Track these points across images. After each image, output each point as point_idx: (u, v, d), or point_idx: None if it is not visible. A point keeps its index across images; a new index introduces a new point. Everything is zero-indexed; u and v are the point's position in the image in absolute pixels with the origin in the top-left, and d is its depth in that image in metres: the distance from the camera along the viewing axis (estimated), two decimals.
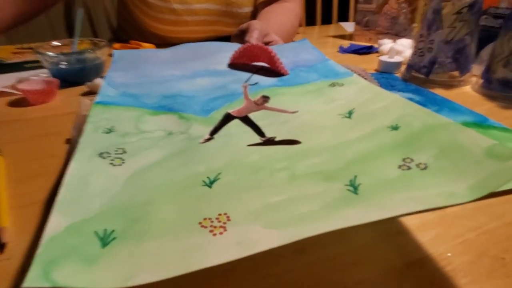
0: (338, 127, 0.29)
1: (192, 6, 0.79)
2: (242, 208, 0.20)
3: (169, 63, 0.46)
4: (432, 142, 0.23)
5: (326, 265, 0.23)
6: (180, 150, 0.27)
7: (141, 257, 0.16)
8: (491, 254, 0.23)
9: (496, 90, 0.49)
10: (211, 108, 0.34)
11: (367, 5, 0.83)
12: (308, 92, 0.37)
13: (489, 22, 0.56)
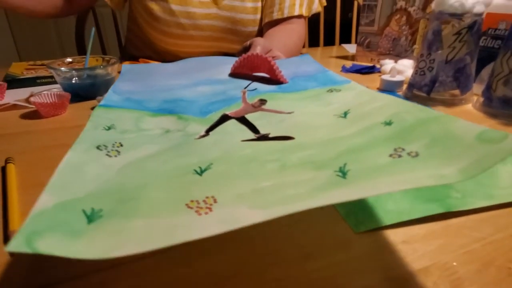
0: (332, 125, 0.29)
1: (198, 21, 0.81)
2: (230, 192, 0.20)
3: (174, 74, 0.47)
4: (424, 133, 0.23)
5: (330, 271, 0.23)
6: (175, 144, 0.28)
7: (126, 233, 0.17)
8: (497, 264, 0.23)
9: (497, 108, 0.50)
10: (209, 110, 0.35)
11: (369, 27, 0.86)
12: (306, 97, 0.38)
13: (489, 42, 0.57)
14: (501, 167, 0.35)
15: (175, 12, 0.79)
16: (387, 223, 0.27)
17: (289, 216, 0.28)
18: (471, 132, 0.21)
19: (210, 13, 0.82)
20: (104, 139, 0.27)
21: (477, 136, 0.20)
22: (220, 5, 0.81)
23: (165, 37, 0.84)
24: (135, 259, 0.24)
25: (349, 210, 0.29)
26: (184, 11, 0.79)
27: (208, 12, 0.81)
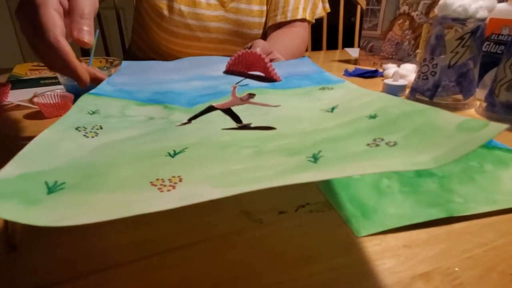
0: (317, 118, 0.29)
1: (206, 23, 0.82)
2: (197, 173, 0.20)
3: (170, 70, 0.48)
4: (406, 125, 0.23)
5: (331, 275, 0.23)
6: (155, 130, 0.28)
7: (83, 205, 0.17)
8: (499, 270, 0.23)
9: (500, 113, 0.50)
10: (197, 102, 0.35)
11: (372, 32, 0.86)
12: (296, 94, 0.38)
13: (492, 48, 0.57)
14: (503, 172, 0.35)
15: (184, 13, 0.79)
16: (388, 228, 0.27)
17: (290, 220, 0.28)
18: (452, 122, 0.20)
19: (217, 15, 0.82)
20: (85, 121, 0.27)
21: (458, 126, 0.20)
22: (227, 8, 0.82)
23: (172, 37, 0.84)
24: (135, 260, 0.24)
25: (351, 215, 0.29)
26: (193, 12, 0.80)
27: (216, 14, 0.82)
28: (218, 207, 0.30)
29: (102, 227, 0.27)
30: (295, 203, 0.31)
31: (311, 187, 0.33)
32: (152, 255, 0.24)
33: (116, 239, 0.26)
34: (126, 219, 0.28)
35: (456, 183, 0.33)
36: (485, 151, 0.40)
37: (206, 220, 0.28)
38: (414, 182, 0.33)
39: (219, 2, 0.82)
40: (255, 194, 0.32)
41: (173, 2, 0.79)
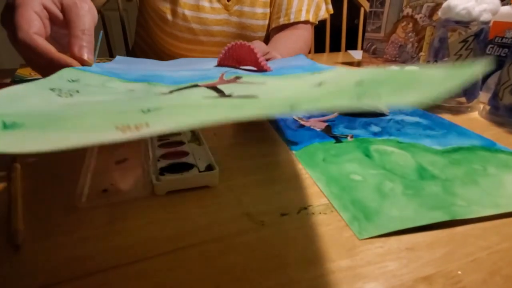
0: (301, 88, 0.29)
1: (209, 27, 0.82)
2: (165, 121, 0.19)
3: (162, 65, 0.47)
4: (392, 82, 0.22)
5: (333, 278, 0.23)
6: (133, 96, 0.27)
7: (38, 139, 0.16)
8: (503, 274, 0.23)
9: (504, 116, 0.49)
10: (182, 82, 0.34)
11: (375, 34, 0.86)
12: (286, 77, 0.37)
13: (495, 51, 0.57)
14: (507, 176, 0.35)
15: (188, 17, 0.80)
16: (391, 230, 0.27)
17: (292, 222, 0.28)
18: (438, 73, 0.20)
19: (221, 19, 0.82)
20: (62, 86, 0.26)
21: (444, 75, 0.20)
22: (230, 11, 0.82)
23: (175, 41, 0.85)
24: (137, 260, 0.24)
25: (353, 217, 0.28)
26: (196, 16, 0.80)
27: (219, 18, 0.82)
28: (219, 208, 0.30)
29: (104, 228, 0.27)
30: (297, 205, 0.31)
31: (313, 189, 0.33)
32: (153, 256, 0.24)
33: (117, 240, 0.26)
34: (128, 221, 0.28)
35: (459, 186, 0.33)
36: (488, 154, 0.40)
37: (207, 221, 0.28)
38: (417, 185, 0.33)
39: (223, 5, 0.82)
40: (257, 196, 0.32)
41: (176, 6, 0.79)
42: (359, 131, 0.47)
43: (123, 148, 0.41)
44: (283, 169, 0.37)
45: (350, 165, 0.37)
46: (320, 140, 0.44)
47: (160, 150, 0.37)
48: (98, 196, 0.31)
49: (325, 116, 0.53)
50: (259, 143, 0.43)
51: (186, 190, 0.32)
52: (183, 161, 0.35)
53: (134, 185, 0.33)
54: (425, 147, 0.42)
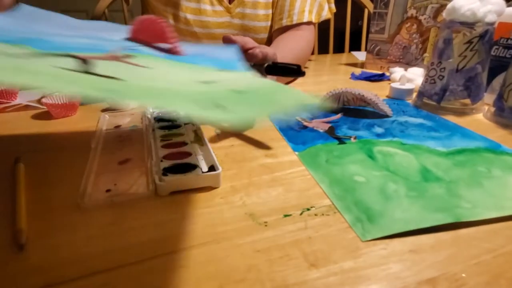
0: (180, 82, 0.26)
1: (211, 30, 0.82)
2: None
3: (69, 27, 0.40)
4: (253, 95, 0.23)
5: (336, 280, 0.23)
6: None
7: None
8: (508, 277, 0.23)
9: (509, 117, 0.49)
10: (68, 49, 0.29)
11: (379, 35, 0.86)
12: (185, 67, 0.34)
13: (500, 52, 0.57)
14: (511, 178, 0.34)
15: (190, 21, 0.80)
16: (394, 232, 0.26)
17: (295, 223, 0.28)
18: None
19: (223, 21, 0.83)
20: None
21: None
22: (233, 13, 0.82)
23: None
24: (140, 260, 0.24)
25: (356, 218, 0.28)
26: (198, 20, 0.81)
27: (221, 21, 0.82)
28: (222, 209, 0.30)
29: (107, 227, 0.27)
30: (300, 206, 0.30)
31: (316, 190, 0.33)
32: (156, 256, 0.24)
33: (120, 240, 0.26)
34: (131, 221, 0.28)
35: (464, 188, 0.33)
36: (493, 156, 0.39)
37: (210, 222, 0.28)
38: (421, 187, 0.33)
39: (225, 8, 0.82)
40: (260, 197, 0.32)
41: (178, 11, 0.79)
42: (363, 132, 0.46)
43: (126, 148, 0.41)
44: (286, 170, 0.37)
45: (353, 166, 0.37)
46: (323, 141, 0.44)
47: (163, 150, 0.37)
48: (101, 196, 0.31)
49: (329, 117, 0.52)
50: (262, 144, 0.43)
51: (189, 191, 0.32)
52: (186, 161, 0.35)
53: (137, 185, 0.33)
54: (429, 149, 0.41)
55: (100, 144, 0.42)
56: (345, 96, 0.56)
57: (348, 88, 0.54)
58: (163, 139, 0.41)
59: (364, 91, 0.53)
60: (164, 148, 0.38)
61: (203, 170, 0.34)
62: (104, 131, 0.46)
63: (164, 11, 0.80)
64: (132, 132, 0.46)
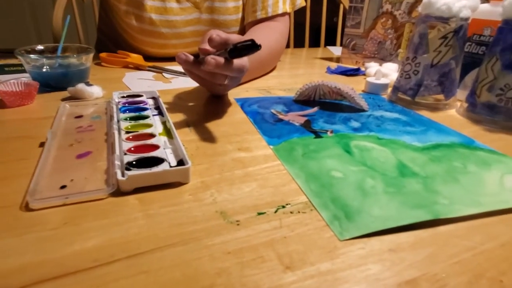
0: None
1: (180, 29, 0.78)
2: None
3: None
4: None
5: (313, 282, 0.21)
6: None
7: None
8: (488, 276, 0.22)
9: (481, 113, 0.50)
10: None
11: (355, 30, 0.85)
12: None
13: (473, 48, 0.57)
14: (486, 174, 0.34)
15: (156, 22, 0.75)
16: (373, 230, 0.25)
17: (269, 221, 0.26)
18: None
19: (192, 18, 0.79)
20: None
21: None
22: (201, 9, 0.78)
23: (147, 47, 0.81)
24: (98, 265, 0.21)
25: (333, 216, 0.27)
26: (165, 20, 0.76)
27: (190, 18, 0.78)
28: (191, 207, 0.28)
29: (59, 229, 0.24)
30: (275, 203, 0.29)
31: (291, 186, 0.31)
32: (115, 260, 0.22)
33: (74, 243, 0.23)
34: (89, 221, 0.25)
35: (441, 184, 0.32)
36: (467, 151, 0.39)
37: (177, 221, 0.26)
38: (399, 183, 0.32)
39: (193, 3, 0.78)
40: (232, 193, 0.30)
41: (142, 11, 0.73)
42: (339, 126, 0.45)
43: (86, 141, 0.37)
44: (260, 164, 0.35)
45: (330, 161, 0.35)
46: (299, 135, 0.42)
47: (128, 143, 0.34)
48: (54, 194, 0.28)
49: (305, 110, 0.51)
50: (235, 137, 0.41)
51: (155, 187, 0.30)
52: (153, 155, 0.32)
53: (96, 181, 0.30)
54: (405, 144, 0.41)
55: (58, 135, 0.38)
56: (322, 89, 0.55)
57: (324, 81, 0.53)
58: (128, 131, 0.38)
59: (340, 85, 0.52)
60: (129, 140, 0.35)
61: (171, 165, 0.32)
62: (63, 121, 0.42)
63: (125, 12, 0.74)
64: (95, 123, 0.42)
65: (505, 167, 0.36)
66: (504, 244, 0.25)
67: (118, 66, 0.75)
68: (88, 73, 0.59)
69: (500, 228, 0.26)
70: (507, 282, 0.21)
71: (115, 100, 0.48)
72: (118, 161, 0.31)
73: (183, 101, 0.54)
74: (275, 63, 0.82)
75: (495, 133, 0.46)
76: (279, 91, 0.62)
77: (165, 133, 0.40)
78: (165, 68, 0.72)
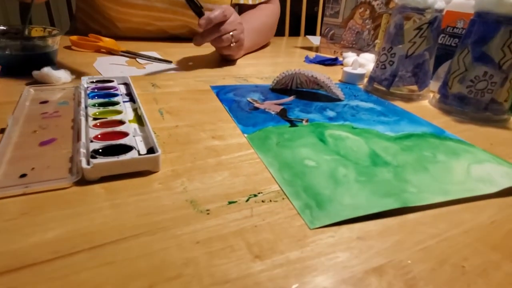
0: None
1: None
2: None
3: None
4: None
5: (282, 271, 0.21)
6: None
7: None
8: (451, 262, 0.22)
9: (452, 105, 0.51)
10: None
11: (333, 19, 0.85)
12: None
13: (446, 40, 0.58)
14: (455, 163, 0.35)
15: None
16: (343, 218, 0.25)
17: (240, 210, 0.26)
18: None
19: None
20: None
21: None
22: None
23: (124, 7, 0.79)
24: (58, 257, 0.20)
25: (305, 205, 0.27)
26: None
27: None
28: (160, 196, 0.27)
29: (17, 220, 0.23)
30: (247, 192, 0.28)
31: (265, 175, 0.31)
32: (77, 252, 0.21)
33: (33, 234, 0.22)
34: (50, 211, 0.24)
35: (411, 173, 0.33)
36: (437, 141, 0.40)
37: (145, 211, 0.25)
38: (370, 171, 0.32)
39: None
40: (204, 182, 0.29)
41: None
42: (315, 115, 0.45)
43: (51, 127, 0.36)
44: (234, 153, 0.34)
45: (304, 150, 0.35)
46: (274, 123, 0.42)
47: (95, 130, 0.33)
48: (13, 182, 0.26)
49: (281, 99, 0.51)
50: (210, 125, 0.40)
51: (123, 176, 0.29)
52: (121, 142, 0.31)
53: (59, 170, 0.28)
54: (378, 133, 0.41)
55: (20, 121, 0.36)
56: (299, 78, 0.55)
57: (301, 70, 0.52)
58: (96, 118, 0.36)
59: (317, 73, 0.52)
60: (96, 127, 0.34)
61: (141, 153, 0.31)
62: (26, 106, 0.40)
63: None
64: (62, 109, 0.41)
65: (472, 157, 0.37)
66: (467, 231, 0.25)
67: (89, 50, 0.71)
68: (55, 56, 0.56)
69: (465, 216, 0.27)
70: (469, 267, 0.22)
71: (84, 86, 0.46)
72: (83, 149, 0.30)
73: (157, 88, 0.52)
74: (270, 34, 0.93)
75: (465, 123, 0.47)
76: (257, 79, 0.61)
77: (136, 120, 0.39)
78: (139, 53, 0.70)
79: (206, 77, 0.59)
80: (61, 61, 0.60)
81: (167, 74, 0.60)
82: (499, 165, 0.35)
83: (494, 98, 0.48)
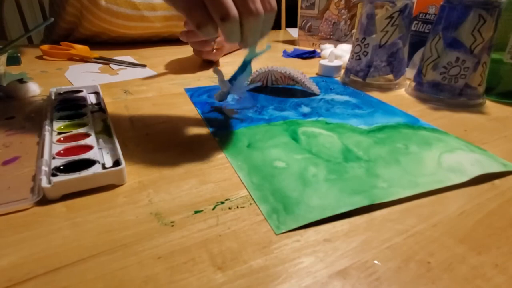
0: None
1: None
2: None
3: None
4: None
5: (243, 282, 0.20)
6: None
7: None
8: (417, 259, 0.22)
9: (427, 92, 0.50)
10: None
11: (309, 11, 0.84)
12: None
13: (420, 27, 0.58)
14: (426, 153, 0.35)
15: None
16: (309, 221, 0.25)
17: (206, 220, 0.25)
18: None
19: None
20: None
21: None
22: None
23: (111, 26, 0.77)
24: (12, 285, 0.20)
25: (272, 209, 0.26)
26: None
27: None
28: (124, 211, 0.26)
29: None
30: (214, 199, 0.28)
31: (234, 180, 0.30)
32: (32, 278, 0.20)
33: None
34: (6, 236, 0.23)
35: (382, 166, 0.32)
36: (411, 131, 0.40)
37: (107, 228, 0.24)
38: (341, 168, 0.32)
39: None
40: (170, 192, 0.28)
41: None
42: (289, 113, 0.45)
43: (15, 145, 0.35)
44: (203, 159, 0.34)
45: (275, 150, 0.35)
46: (247, 124, 0.41)
47: (58, 145, 0.32)
48: None
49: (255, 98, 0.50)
50: (181, 132, 0.39)
51: (87, 192, 0.28)
52: (84, 157, 0.30)
53: (21, 190, 0.28)
54: (352, 127, 0.41)
55: None
56: (273, 75, 0.54)
57: (274, 67, 0.52)
58: (61, 132, 0.35)
59: (291, 69, 0.51)
60: (60, 142, 0.33)
61: (106, 166, 0.30)
62: None
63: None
64: (28, 124, 0.39)
65: (444, 146, 0.36)
66: (436, 224, 0.25)
67: (61, 58, 0.70)
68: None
69: (433, 208, 0.27)
70: (434, 263, 0.22)
71: (52, 98, 0.44)
72: (45, 167, 0.29)
73: (129, 94, 0.51)
74: None
75: (440, 111, 0.47)
76: None
77: (104, 131, 0.38)
78: (112, 59, 0.68)
79: (181, 80, 0.59)
80: (31, 72, 0.59)
81: (140, 79, 0.59)
82: (471, 152, 0.35)
83: (468, 83, 0.48)
